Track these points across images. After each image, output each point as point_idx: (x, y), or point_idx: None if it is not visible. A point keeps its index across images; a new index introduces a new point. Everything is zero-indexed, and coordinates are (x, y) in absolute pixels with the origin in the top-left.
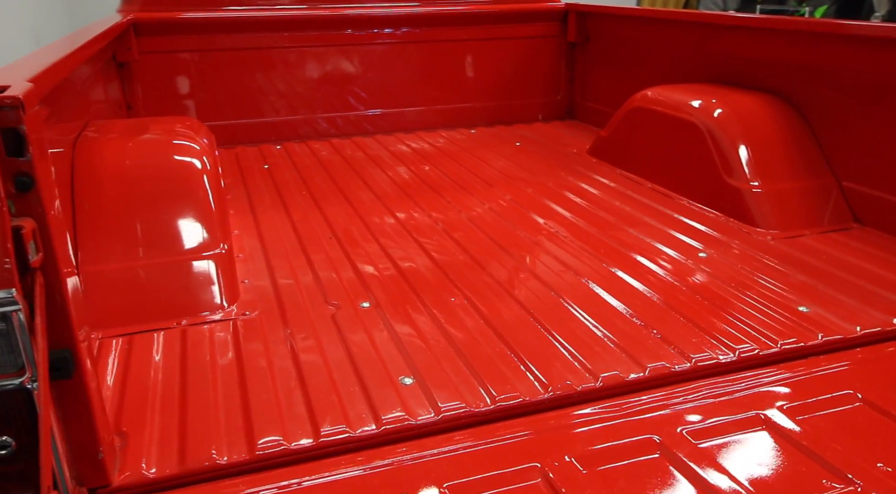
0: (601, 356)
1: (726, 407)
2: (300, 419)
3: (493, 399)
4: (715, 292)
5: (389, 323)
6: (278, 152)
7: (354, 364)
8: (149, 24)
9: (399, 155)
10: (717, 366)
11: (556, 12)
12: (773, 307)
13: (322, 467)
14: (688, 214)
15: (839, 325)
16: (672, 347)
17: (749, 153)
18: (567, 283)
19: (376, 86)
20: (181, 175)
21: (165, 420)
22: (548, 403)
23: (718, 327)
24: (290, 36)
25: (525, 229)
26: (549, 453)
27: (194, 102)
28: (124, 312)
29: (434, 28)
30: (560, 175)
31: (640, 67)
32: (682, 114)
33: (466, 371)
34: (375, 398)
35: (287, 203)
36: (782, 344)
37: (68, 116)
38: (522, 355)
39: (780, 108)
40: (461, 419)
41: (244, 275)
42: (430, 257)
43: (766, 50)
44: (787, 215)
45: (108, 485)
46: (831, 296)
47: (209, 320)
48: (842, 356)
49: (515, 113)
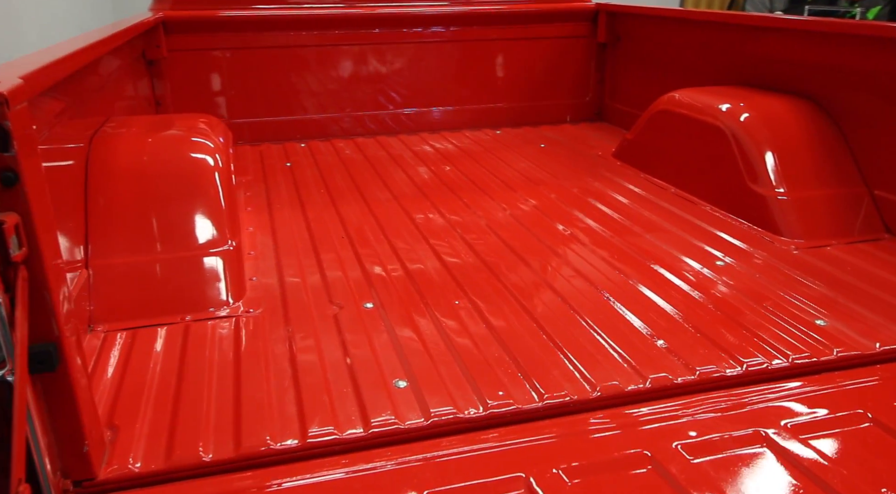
0: (603, 367)
1: (726, 423)
2: (289, 420)
3: (485, 406)
4: (729, 302)
5: (391, 325)
6: (302, 150)
7: (350, 365)
8: (178, 21)
9: (421, 155)
10: (722, 379)
11: (586, 12)
12: (789, 320)
13: (305, 468)
14: (710, 221)
15: (857, 340)
16: (678, 358)
17: (775, 159)
18: (577, 290)
19: (403, 85)
20: (193, 172)
21: (157, 416)
22: (541, 412)
23: (728, 339)
24: (317, 35)
25: (541, 233)
26: (535, 463)
27: (222, 99)
28: (130, 306)
29: (462, 28)
30: (582, 178)
31: (671, 69)
32: (707, 117)
33: (462, 377)
34: (367, 401)
35: (304, 201)
36: (794, 359)
37: (89, 111)
38: (522, 362)
39: (810, 113)
40: (451, 424)
41: (253, 272)
42: (441, 260)
43: (802, 53)
44: (812, 223)
45: (94, 478)
46: (852, 310)
47: (213, 316)
48: (856, 373)
49: (543, 114)
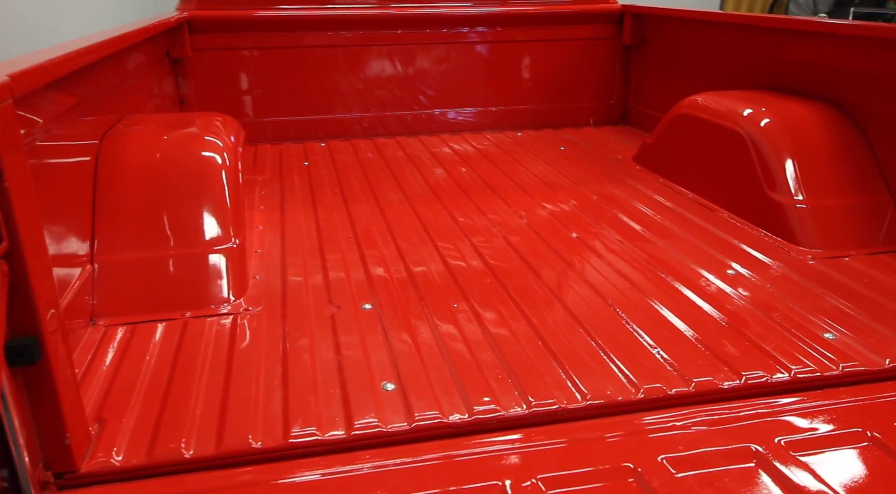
0: (595, 374)
1: (717, 437)
2: (273, 419)
3: (470, 412)
4: (735, 313)
5: (386, 327)
6: (322, 150)
7: (341, 366)
8: (202, 21)
9: (439, 156)
10: (717, 391)
11: (611, 14)
12: (796, 332)
13: (283, 469)
14: (725, 228)
15: (865, 355)
16: (674, 368)
17: (795, 166)
18: (580, 297)
19: (425, 86)
20: (199, 170)
21: (145, 411)
22: (526, 419)
23: (729, 350)
24: (340, 35)
25: (550, 237)
26: (515, 472)
27: (245, 98)
28: (132, 301)
29: (486, 29)
30: (598, 183)
31: (697, 72)
32: (726, 122)
33: (451, 381)
34: (353, 403)
35: (316, 201)
36: (796, 373)
37: (104, 108)
38: (514, 369)
39: (835, 119)
40: (434, 429)
41: (257, 270)
42: (445, 263)
43: (832, 57)
44: (832, 233)
45: (75, 471)
46: (864, 324)
47: (213, 313)
48: (861, 389)
49: (566, 116)
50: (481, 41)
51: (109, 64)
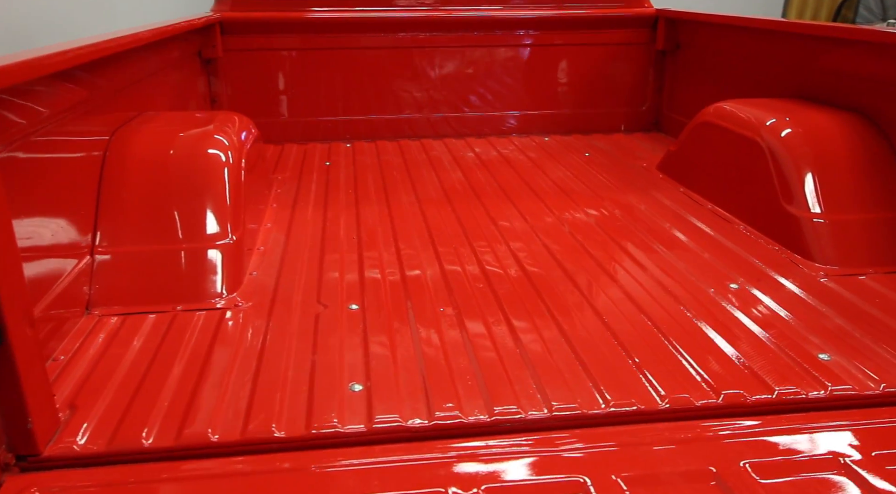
0: (566, 385)
1: (680, 455)
2: (236, 414)
3: (430, 417)
4: (728, 328)
5: (367, 329)
6: (346, 150)
7: (314, 365)
8: (234, 22)
9: (460, 160)
10: (690, 409)
11: (645, 18)
12: (788, 351)
13: (236, 463)
14: (738, 241)
15: (859, 379)
16: (650, 382)
17: (814, 179)
18: (569, 305)
19: (454, 89)
20: (201, 167)
21: (116, 400)
22: (486, 427)
23: (713, 366)
24: (370, 37)
25: (553, 244)
26: (461, 480)
27: (274, 98)
28: (127, 293)
29: (516, 33)
30: (616, 190)
31: (733, 79)
32: (746, 131)
33: (419, 385)
34: (316, 402)
35: (329, 201)
36: (779, 392)
37: (120, 104)
38: (483, 375)
39: (864, 131)
40: (391, 432)
41: (255, 267)
42: (441, 267)
43: (871, 67)
44: (849, 249)
45: (38, 454)
46: (866, 346)
47: (203, 307)
48: (845, 414)
49: (596, 122)
50: (511, 45)
51: (126, 61)
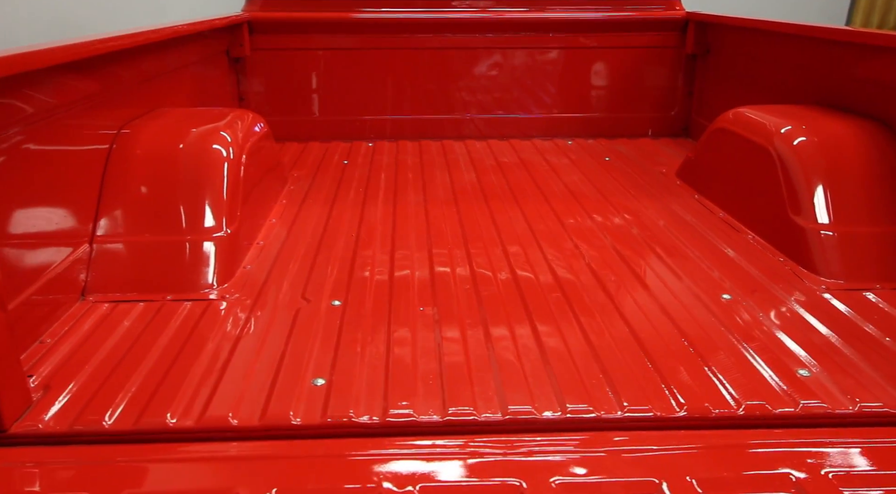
0: (525, 389)
1: (626, 466)
2: (198, 402)
3: (383, 415)
4: (710, 340)
5: (342, 324)
6: (367, 150)
7: (282, 357)
8: (263, 22)
9: (477, 162)
10: (648, 420)
11: (675, 21)
12: (766, 366)
13: (192, 449)
14: (743, 251)
15: (834, 397)
16: (613, 391)
17: (824, 190)
18: (552, 308)
19: (479, 91)
20: (201, 162)
21: (88, 383)
22: (435, 427)
23: (683, 378)
24: (395, 38)
25: (552, 247)
26: (396, 478)
27: (300, 97)
28: (121, 281)
29: (543, 35)
30: (629, 196)
31: (764, 84)
32: (758, 138)
33: (381, 383)
34: (276, 394)
35: (338, 199)
36: (746, 407)
37: (135, 98)
38: (446, 375)
39: (883, 141)
40: (341, 427)
41: (251, 261)
42: (430, 268)
43: None
44: (856, 263)
45: (5, 431)
46: (850, 363)
47: (192, 298)
48: (812, 432)
49: (623, 127)
50: (538, 47)
51: (142, 57)
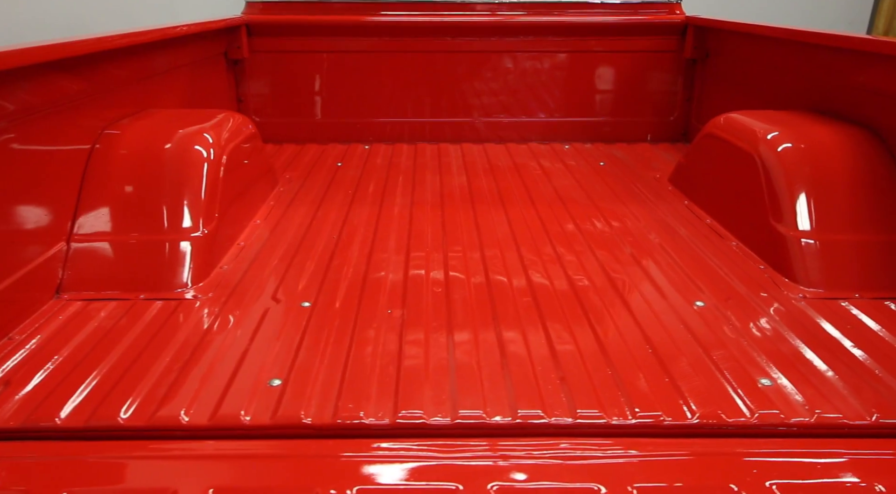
0: (479, 394)
1: (569, 472)
2: (152, 400)
3: (335, 416)
4: (674, 347)
5: (308, 325)
6: (363, 152)
7: (243, 357)
8: (261, 25)
9: (470, 165)
10: (599, 427)
11: (674, 26)
12: (728, 375)
13: (140, 447)
14: (724, 258)
15: (794, 408)
16: (567, 398)
17: (807, 197)
18: (520, 313)
19: (476, 95)
20: (180, 163)
21: (49, 379)
22: (383, 430)
23: (641, 386)
24: (393, 41)
25: (530, 251)
26: (335, 480)
27: (298, 99)
28: (97, 279)
29: (542, 39)
30: (617, 201)
31: (763, 90)
32: (744, 144)
33: (336, 384)
34: (231, 394)
35: (325, 201)
36: (700, 416)
37: (123, 99)
38: (403, 379)
39: (871, 149)
40: (293, 428)
41: (228, 261)
42: (405, 271)
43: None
44: (836, 272)
45: None
46: (816, 373)
47: (164, 297)
48: (764, 442)
49: (621, 131)
50: (536, 51)
51: (132, 58)
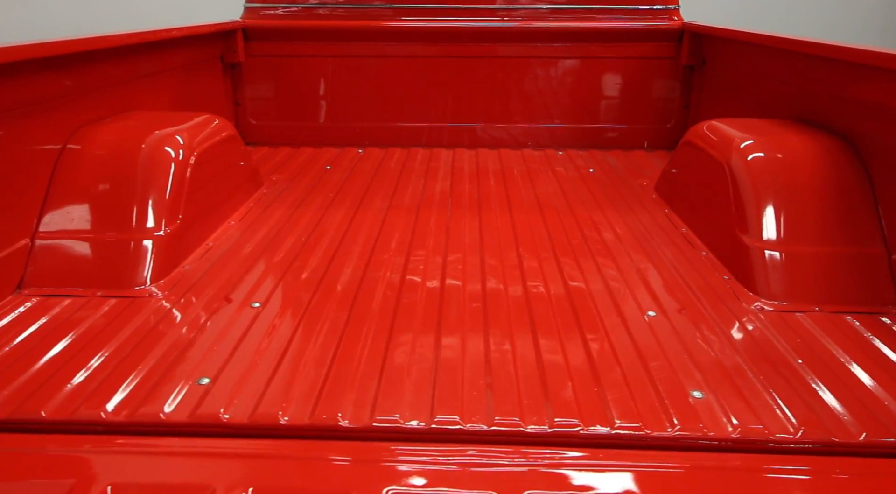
0: (403, 397)
1: (468, 479)
2: (79, 396)
3: (251, 415)
4: (613, 357)
5: (252, 326)
6: (355, 156)
7: (180, 354)
8: (258, 29)
9: (458, 170)
10: (513, 434)
11: (670, 32)
12: (660, 386)
13: (54, 442)
14: (690, 268)
15: (719, 421)
16: (488, 405)
17: (772, 207)
18: (464, 319)
19: (473, 100)
20: (147, 163)
21: None
22: (298, 431)
23: (567, 395)
24: (389, 46)
25: (493, 257)
26: (227, 478)
27: (295, 103)
28: (57, 276)
29: (538, 45)
30: (595, 208)
31: (759, 98)
32: (716, 153)
33: (262, 385)
34: (157, 391)
35: (304, 203)
36: (618, 427)
37: (106, 100)
38: (330, 381)
39: (844, 159)
40: (209, 427)
41: (192, 261)
42: (363, 274)
43: (865, 92)
44: (799, 285)
45: None
46: (752, 387)
47: (121, 294)
48: (686, 456)
49: (618, 138)
50: (531, 57)
51: (111, 60)
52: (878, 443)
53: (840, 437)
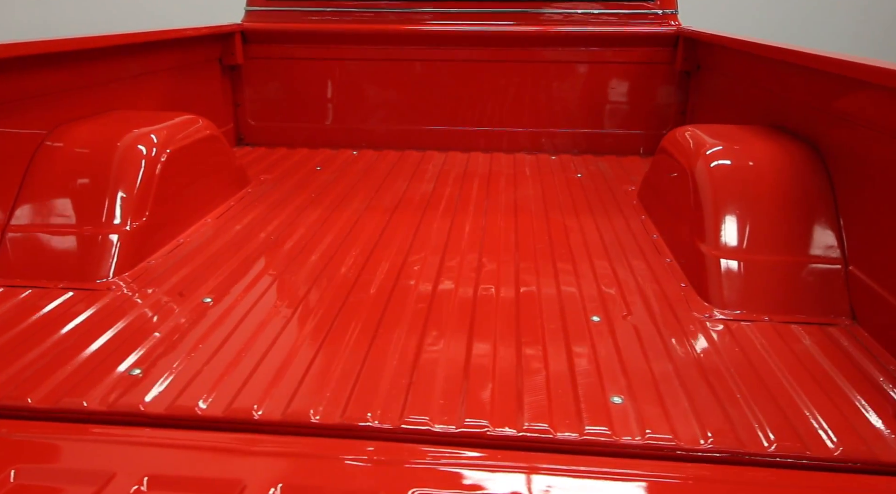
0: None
1: (379, 476)
2: (12, 383)
3: (170, 406)
4: (541, 360)
5: (197, 320)
6: (349, 158)
7: (117, 347)
8: (256, 32)
9: (445, 173)
10: (422, 433)
11: (665, 37)
12: (581, 391)
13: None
14: (649, 274)
15: (630, 427)
16: (405, 405)
17: (732, 215)
18: (407, 319)
19: (466, 104)
20: (119, 159)
21: None
22: (210, 422)
23: (483, 397)
24: (386, 49)
25: (451, 257)
26: (128, 467)
27: (293, 105)
28: (26, 268)
29: (534, 49)
30: (573, 213)
31: (752, 105)
32: (683, 159)
33: (189, 377)
34: (86, 381)
35: (285, 203)
36: (526, 430)
37: (93, 100)
38: (260, 374)
39: (807, 167)
40: (124, 416)
41: (160, 256)
42: (320, 272)
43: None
44: (751, 294)
45: None
46: (675, 395)
47: (82, 287)
48: (593, 460)
49: (614, 144)
50: (526, 61)
51: (97, 60)
52: (788, 454)
53: (750, 448)
